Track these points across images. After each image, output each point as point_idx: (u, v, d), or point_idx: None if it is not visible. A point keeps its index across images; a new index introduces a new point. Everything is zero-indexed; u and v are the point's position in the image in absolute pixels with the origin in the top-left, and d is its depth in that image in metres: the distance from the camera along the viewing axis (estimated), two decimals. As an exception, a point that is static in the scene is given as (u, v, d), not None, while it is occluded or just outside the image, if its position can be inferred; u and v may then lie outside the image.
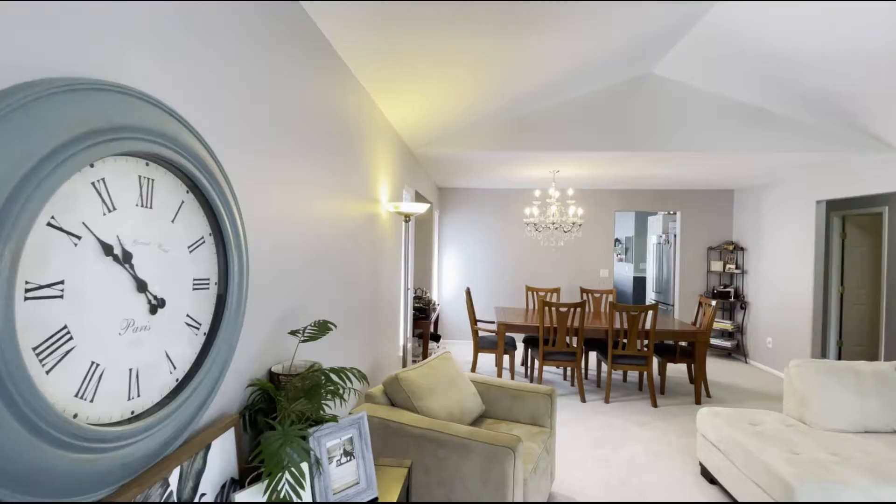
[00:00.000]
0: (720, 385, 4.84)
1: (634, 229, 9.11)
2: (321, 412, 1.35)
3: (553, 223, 4.78)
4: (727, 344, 5.96)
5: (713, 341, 6.07)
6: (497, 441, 1.96)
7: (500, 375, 4.35)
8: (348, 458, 1.33)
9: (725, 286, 6.12)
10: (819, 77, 3.08)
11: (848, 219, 5.53)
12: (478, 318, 6.40)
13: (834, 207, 5.60)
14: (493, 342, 4.62)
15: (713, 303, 4.42)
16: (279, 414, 1.15)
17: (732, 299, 5.97)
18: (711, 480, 2.77)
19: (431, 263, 5.87)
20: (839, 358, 5.50)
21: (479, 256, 6.44)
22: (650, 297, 7.68)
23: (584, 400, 4.16)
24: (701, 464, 2.84)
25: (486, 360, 5.60)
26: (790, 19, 2.52)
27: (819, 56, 2.83)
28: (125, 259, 0.85)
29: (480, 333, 5.36)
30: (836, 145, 3.80)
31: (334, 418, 1.37)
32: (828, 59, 2.84)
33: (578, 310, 4.64)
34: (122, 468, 0.83)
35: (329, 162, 2.01)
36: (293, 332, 1.40)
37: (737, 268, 6.05)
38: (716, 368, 5.52)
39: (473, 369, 4.62)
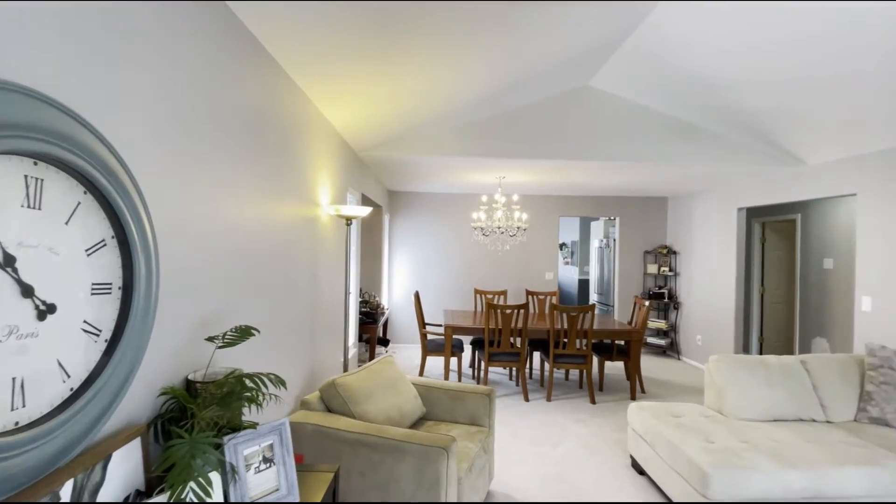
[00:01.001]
0: (655, 381, 5.12)
1: (579, 234, 9.47)
2: (240, 419, 1.33)
3: (499, 227, 4.90)
4: (662, 342, 6.32)
5: (649, 339, 6.41)
6: (431, 442, 1.99)
7: (446, 378, 4.39)
8: (268, 464, 1.31)
9: (660, 287, 6.49)
10: (740, 96, 3.35)
11: (767, 225, 6.03)
12: (429, 321, 6.42)
13: (754, 214, 6.09)
14: (442, 345, 4.65)
15: (647, 303, 4.68)
16: (190, 422, 1.12)
17: (666, 300, 6.34)
18: (640, 471, 2.93)
19: (381, 267, 5.85)
20: (761, 352, 5.97)
21: (430, 260, 6.48)
22: (593, 298, 8.01)
23: (527, 399, 4.27)
24: (631, 456, 3.00)
25: (435, 362, 5.63)
26: (712, 43, 2.74)
27: (739, 78, 3.09)
28: (6, 263, 0.81)
29: (429, 337, 5.39)
30: (756, 158, 4.15)
31: (253, 425, 1.35)
32: (747, 81, 3.10)
33: (522, 311, 4.77)
34: (1, 482, 0.79)
35: (260, 163, 1.97)
36: (210, 339, 1.36)
37: (670, 270, 6.43)
38: (651, 365, 5.84)
39: (421, 373, 4.63)
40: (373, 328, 4.46)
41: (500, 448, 3.28)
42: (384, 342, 5.35)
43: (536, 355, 6.30)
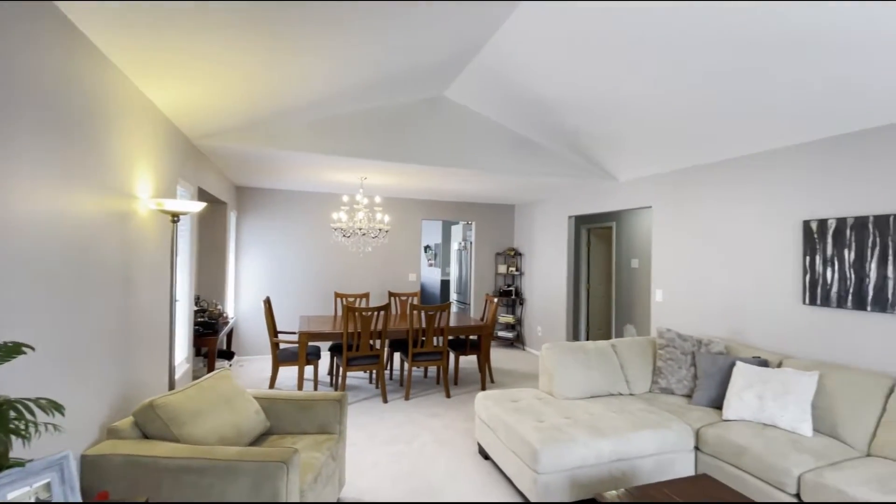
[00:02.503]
0: (503, 371, 5.58)
1: (442, 236, 9.86)
2: (5, 457, 1.05)
3: (360, 229, 4.82)
4: (510, 335, 6.92)
5: (499, 333, 6.97)
6: (268, 457, 1.84)
7: (301, 387, 4.16)
8: (39, 512, 1.06)
9: (509, 286, 7.11)
10: (567, 118, 3.83)
11: (592, 230, 7.03)
12: (285, 328, 6.01)
13: (582, 221, 7.05)
14: (297, 354, 4.39)
15: (496, 300, 5.07)
16: None
17: (513, 297, 6.97)
18: (486, 457, 3.14)
19: (225, 272, 5.28)
20: (587, 339, 6.93)
21: (286, 263, 6.07)
22: (453, 297, 8.41)
23: (385, 400, 4.27)
24: (478, 443, 3.20)
25: (291, 372, 5.30)
26: (543, 68, 3.07)
27: (566, 101, 3.52)
28: None
29: (282, 346, 5.05)
30: (582, 173, 4.79)
31: (20, 463, 1.08)
32: (572, 104, 3.55)
33: (383, 313, 4.78)
34: None
35: (40, 146, 1.60)
36: (-52, 362, 1.05)
37: (517, 270, 7.09)
38: (500, 357, 6.35)
39: (272, 385, 4.31)
40: (213, 340, 4.00)
41: (354, 453, 3.21)
42: (228, 355, 4.84)
43: (397, 356, 6.37)
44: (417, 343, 4.40)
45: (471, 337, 5.46)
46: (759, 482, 2.42)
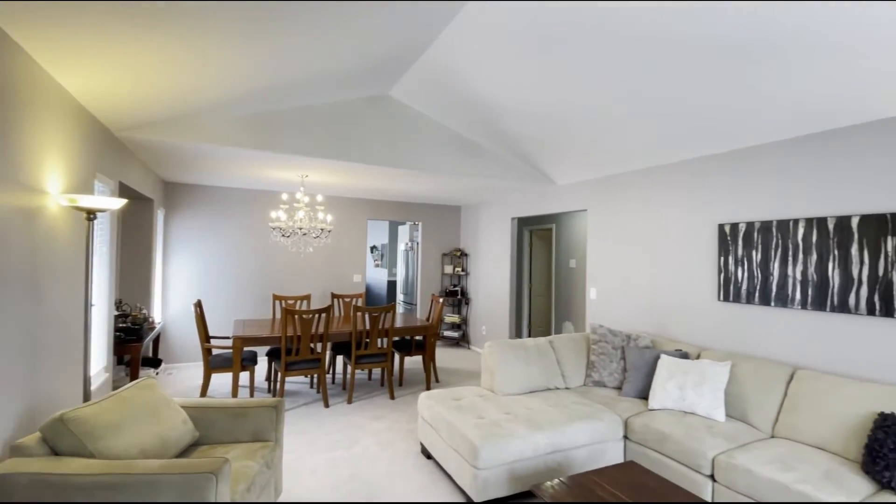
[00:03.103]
0: (448, 370, 5.63)
1: (388, 237, 9.78)
2: None
3: (300, 229, 4.67)
4: (456, 334, 7.00)
5: (445, 333, 7.03)
6: (196, 469, 1.75)
7: (235, 395, 3.97)
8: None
9: (455, 286, 7.19)
10: (510, 123, 3.94)
11: (534, 232, 7.26)
12: (217, 334, 5.71)
13: (525, 223, 7.27)
14: (231, 360, 4.19)
15: (441, 300, 5.11)
16: None
17: (460, 297, 7.05)
18: (428, 456, 3.16)
19: (152, 274, 4.94)
20: (529, 336, 7.15)
21: (220, 264, 5.77)
22: (399, 298, 8.37)
23: (327, 405, 4.18)
24: (421, 443, 3.21)
25: (225, 379, 5.05)
26: (487, 74, 3.14)
27: (509, 107, 3.62)
28: None
29: (215, 351, 4.79)
30: (524, 177, 4.93)
31: None
32: (514, 111, 3.65)
33: (324, 315, 4.66)
34: None
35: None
36: None
37: (463, 270, 7.18)
38: (446, 356, 6.40)
39: (203, 393, 4.08)
40: (137, 347, 3.72)
41: (293, 460, 3.12)
42: (154, 362, 4.53)
43: (340, 359, 6.24)
44: (361, 345, 4.34)
45: (416, 337, 5.46)
46: (679, 466, 2.61)
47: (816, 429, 2.52)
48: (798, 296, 2.95)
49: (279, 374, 4.34)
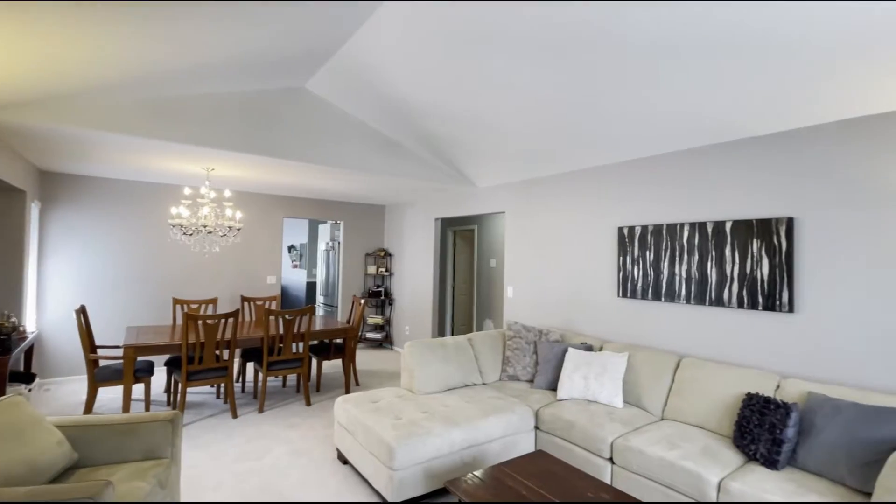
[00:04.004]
0: (370, 373, 5.54)
1: (308, 236, 9.41)
2: None
3: (205, 226, 4.33)
4: (379, 336, 6.92)
5: (368, 335, 6.92)
6: (69, 495, 1.55)
7: (127, 410, 3.58)
8: None
9: (378, 286, 7.10)
10: (432, 125, 3.96)
11: (457, 233, 7.39)
12: (104, 343, 5.11)
13: (448, 224, 7.38)
14: (122, 371, 3.76)
15: (362, 301, 5.01)
16: None
17: (383, 297, 6.98)
18: (345, 461, 3.08)
19: (23, 275, 4.30)
20: (452, 335, 7.27)
21: (109, 265, 5.17)
22: (319, 300, 8.09)
23: (235, 416, 3.92)
24: (337, 449, 3.12)
25: (115, 393, 4.54)
26: (409, 74, 3.13)
27: (431, 109, 3.63)
28: None
29: (103, 362, 4.28)
30: (446, 178, 5.00)
31: None
32: (436, 113, 3.68)
33: (231, 320, 4.37)
34: None
35: None
36: None
37: (387, 270, 7.12)
38: (368, 358, 6.30)
39: (89, 409, 3.63)
40: (3, 360, 3.21)
41: (194, 476, 2.88)
42: (27, 377, 3.95)
43: (251, 366, 5.88)
44: (274, 351, 4.12)
45: (336, 341, 5.31)
46: (584, 451, 2.80)
47: (697, 410, 2.83)
48: (683, 292, 3.31)
49: (180, 385, 3.99)
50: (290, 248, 9.67)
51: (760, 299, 2.89)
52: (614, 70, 2.56)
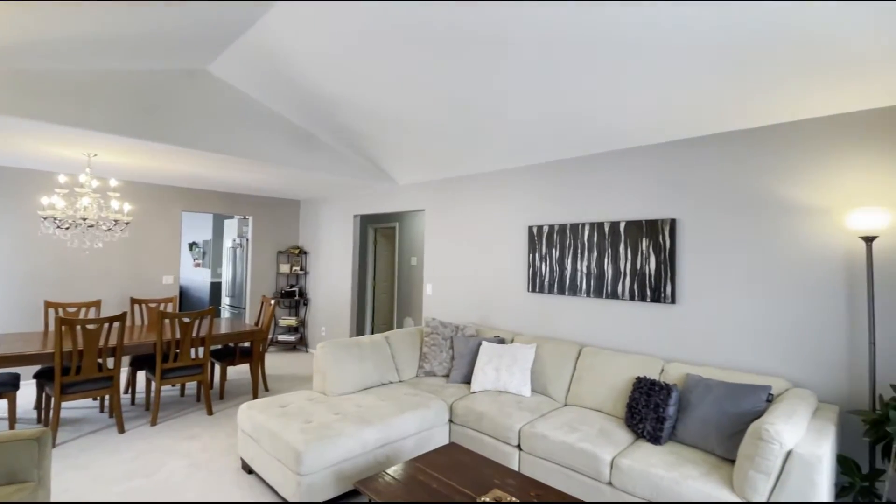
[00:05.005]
0: (281, 377, 5.27)
1: (213, 232, 8.72)
2: None
3: (85, 219, 3.83)
4: (292, 338, 6.61)
5: (280, 337, 6.59)
6: None
7: (-19, 431, 3.05)
8: None
9: (292, 286, 6.78)
10: (350, 120, 3.85)
11: (378, 230, 7.29)
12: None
13: (369, 221, 7.26)
14: (-27, 386, 3.21)
15: (272, 301, 4.76)
16: None
17: (297, 297, 6.68)
18: (250, 471, 2.90)
19: None
20: (373, 334, 7.16)
21: (-39, 264, 4.38)
22: (225, 301, 7.54)
23: (122, 430, 3.52)
24: (241, 458, 2.93)
25: (-32, 413, 3.87)
26: (323, 63, 3.00)
27: (348, 102, 3.53)
28: None
29: (-48, 377, 3.62)
30: (365, 174, 4.89)
31: None
32: (354, 107, 3.57)
33: (117, 325, 3.92)
34: None
35: None
36: None
37: (302, 269, 6.82)
38: (280, 362, 5.99)
39: (-73, 434, 3.04)
40: None
41: (67, 500, 2.53)
42: None
43: (143, 375, 5.33)
44: (170, 357, 3.76)
45: (244, 344, 4.99)
46: (494, 441, 2.90)
47: (595, 395, 3.07)
48: (584, 286, 3.56)
49: (52, 399, 3.49)
50: (192, 245, 8.91)
51: (648, 292, 3.20)
52: (515, 75, 2.68)
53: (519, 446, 2.80)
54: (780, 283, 2.71)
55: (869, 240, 2.32)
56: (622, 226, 3.35)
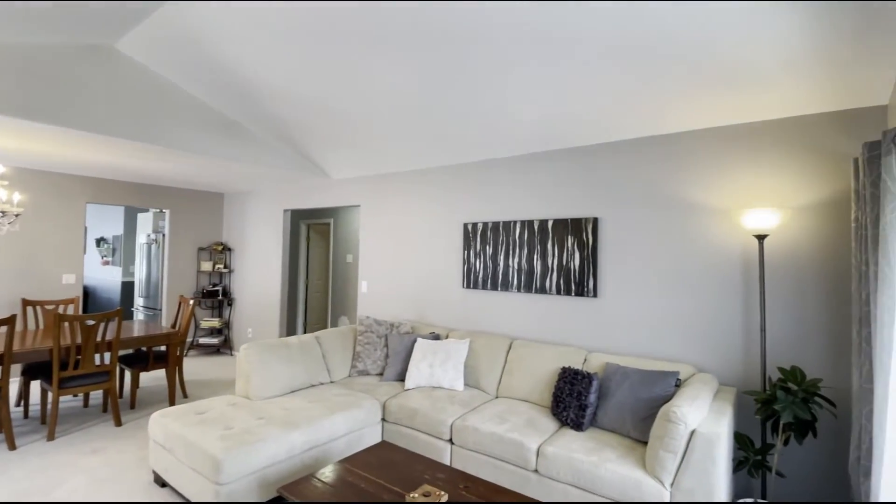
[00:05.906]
0: (202, 382, 4.93)
1: (124, 227, 7.96)
2: None
3: (-39, 210, 3.34)
4: (216, 341, 6.21)
5: (202, 340, 6.17)
6: None
7: None
8: None
9: (215, 285, 6.36)
10: (281, 109, 3.65)
11: (311, 226, 7.03)
12: None
13: (301, 216, 6.97)
14: None
15: (191, 302, 4.43)
16: None
17: (221, 297, 6.28)
18: (163, 484, 2.69)
19: None
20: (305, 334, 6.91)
21: None
22: (139, 302, 6.93)
23: (13, 447, 3.12)
24: (154, 471, 2.70)
25: None
26: (248, 49, 2.82)
27: (276, 91, 3.34)
28: None
29: None
30: (296, 167, 4.68)
31: None
32: (282, 96, 3.40)
33: (6, 329, 3.46)
34: None
35: None
36: None
37: (225, 267, 6.42)
38: (202, 367, 5.61)
39: None
40: None
41: (-65, 536, 2.20)
42: None
43: (37, 385, 4.76)
44: (70, 364, 3.38)
45: (159, 348, 4.60)
46: (427, 437, 2.90)
47: (524, 386, 3.17)
48: (516, 281, 3.67)
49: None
50: (100, 240, 8.09)
51: (573, 286, 3.36)
52: (437, 73, 2.70)
53: (451, 440, 2.82)
54: (688, 277, 2.96)
55: (761, 237, 2.59)
56: (550, 224, 3.49)
